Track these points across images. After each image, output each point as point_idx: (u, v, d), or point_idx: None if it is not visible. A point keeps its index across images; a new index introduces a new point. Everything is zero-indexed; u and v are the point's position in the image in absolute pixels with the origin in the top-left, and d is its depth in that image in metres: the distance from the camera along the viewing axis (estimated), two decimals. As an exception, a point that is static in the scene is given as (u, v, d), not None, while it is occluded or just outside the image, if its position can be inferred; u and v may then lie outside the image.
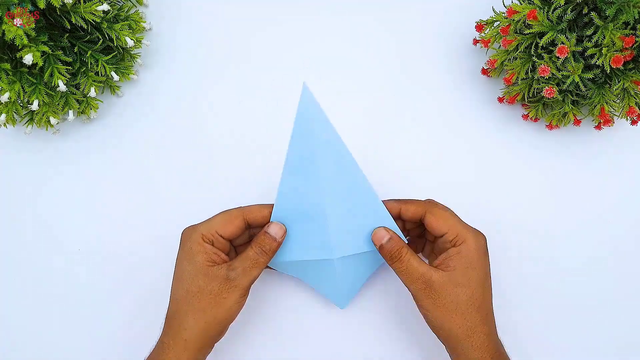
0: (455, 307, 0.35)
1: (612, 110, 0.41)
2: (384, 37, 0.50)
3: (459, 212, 0.45)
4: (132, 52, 0.46)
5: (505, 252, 0.45)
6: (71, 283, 0.45)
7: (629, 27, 0.35)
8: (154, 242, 0.46)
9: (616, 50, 0.36)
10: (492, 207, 0.46)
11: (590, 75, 0.38)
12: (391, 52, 0.50)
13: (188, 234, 0.37)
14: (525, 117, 0.46)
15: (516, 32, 0.40)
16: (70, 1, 0.37)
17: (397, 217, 0.39)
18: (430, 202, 0.38)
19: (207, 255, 0.36)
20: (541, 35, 0.38)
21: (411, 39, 0.50)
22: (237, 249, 0.41)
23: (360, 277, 0.43)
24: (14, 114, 0.42)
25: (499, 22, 0.42)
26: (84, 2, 0.39)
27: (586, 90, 0.40)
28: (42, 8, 0.36)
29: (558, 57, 0.37)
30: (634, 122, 0.42)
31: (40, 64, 0.37)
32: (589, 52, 0.37)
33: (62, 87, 0.40)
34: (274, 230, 0.37)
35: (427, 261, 0.40)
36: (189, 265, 0.36)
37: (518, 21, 0.39)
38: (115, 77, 0.44)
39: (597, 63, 0.37)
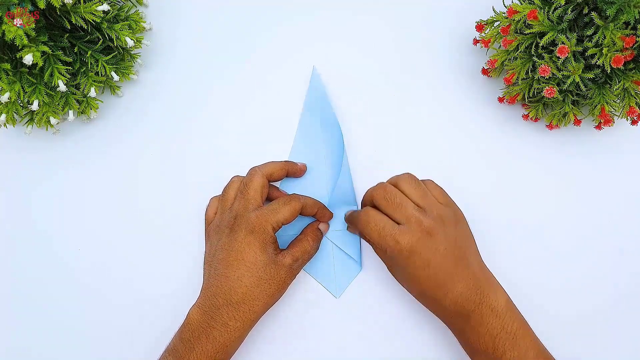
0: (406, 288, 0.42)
1: (612, 110, 0.41)
2: (384, 37, 0.50)
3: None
4: (132, 52, 0.46)
5: (504, 251, 0.45)
6: (71, 283, 0.45)
7: (630, 27, 0.35)
8: (154, 241, 0.46)
9: (617, 50, 0.36)
10: (492, 206, 0.46)
11: (590, 75, 0.38)
12: (391, 52, 0.50)
13: (261, 225, 0.38)
14: (525, 117, 0.46)
15: (516, 32, 0.40)
16: (70, 1, 0.37)
17: None
18: (362, 212, 0.40)
19: (275, 244, 0.40)
20: (541, 35, 0.38)
21: (411, 38, 0.50)
22: None
23: (354, 265, 0.45)
24: (14, 114, 0.42)
25: (499, 22, 0.42)
26: (84, 2, 0.39)
27: (586, 90, 0.40)
28: (42, 8, 0.36)
29: (558, 57, 0.37)
30: (634, 122, 0.42)
31: (40, 64, 0.37)
32: (589, 52, 0.37)
33: (62, 87, 0.40)
34: (324, 227, 0.44)
35: None
36: (263, 254, 0.38)
37: (518, 21, 0.39)
38: (115, 77, 0.44)
39: (597, 63, 0.37)
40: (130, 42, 0.43)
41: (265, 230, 0.38)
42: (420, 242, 0.37)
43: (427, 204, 0.39)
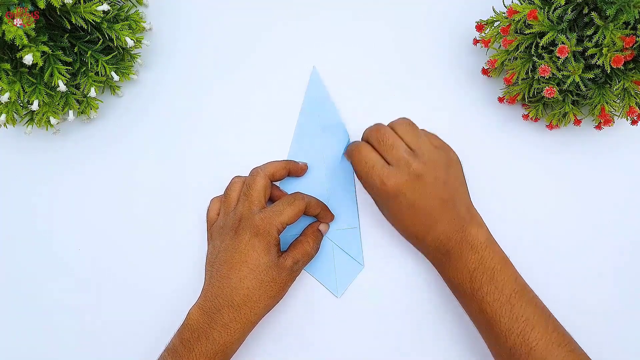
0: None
1: (612, 110, 0.41)
2: (384, 37, 0.50)
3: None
4: (132, 52, 0.46)
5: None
6: (71, 283, 0.45)
7: (630, 27, 0.35)
8: (154, 241, 0.46)
9: (616, 50, 0.36)
10: (492, 207, 0.46)
11: (590, 75, 0.38)
12: (391, 52, 0.50)
13: (266, 227, 0.38)
14: (525, 117, 0.46)
15: (516, 32, 0.40)
16: (70, 1, 0.37)
17: None
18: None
19: (278, 247, 0.39)
20: (541, 35, 0.38)
21: (411, 38, 0.50)
22: None
23: (354, 264, 0.45)
24: (14, 114, 0.42)
25: (499, 22, 0.42)
26: (84, 2, 0.39)
27: (586, 90, 0.40)
28: (42, 8, 0.36)
29: (558, 57, 0.37)
30: (634, 122, 0.42)
31: (40, 64, 0.37)
32: (589, 52, 0.37)
33: (62, 87, 0.40)
34: (324, 228, 0.44)
35: None
36: (266, 256, 0.38)
37: (518, 21, 0.39)
38: (115, 77, 0.44)
39: (597, 63, 0.37)
40: (130, 42, 0.43)
41: (269, 232, 0.38)
42: (407, 185, 0.38)
43: (419, 147, 0.39)
